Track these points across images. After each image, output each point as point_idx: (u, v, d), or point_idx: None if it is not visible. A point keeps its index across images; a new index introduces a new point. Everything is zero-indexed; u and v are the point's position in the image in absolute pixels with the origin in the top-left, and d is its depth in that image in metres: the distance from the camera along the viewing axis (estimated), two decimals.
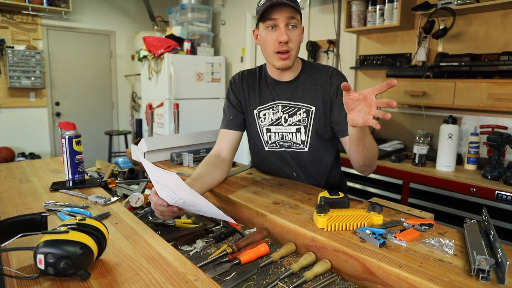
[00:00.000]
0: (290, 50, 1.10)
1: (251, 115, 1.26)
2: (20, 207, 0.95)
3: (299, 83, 1.20)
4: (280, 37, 1.07)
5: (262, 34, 1.13)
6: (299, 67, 1.22)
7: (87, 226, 0.64)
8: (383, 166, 2.12)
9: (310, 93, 1.18)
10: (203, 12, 4.25)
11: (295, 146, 1.21)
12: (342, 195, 0.95)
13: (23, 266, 0.65)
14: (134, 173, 1.39)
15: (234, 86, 1.28)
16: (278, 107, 1.21)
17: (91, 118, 4.85)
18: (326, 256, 0.79)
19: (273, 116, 1.22)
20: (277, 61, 1.12)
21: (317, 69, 1.21)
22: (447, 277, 0.64)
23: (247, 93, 1.26)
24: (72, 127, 1.13)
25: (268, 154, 1.28)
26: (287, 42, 1.08)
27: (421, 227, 0.84)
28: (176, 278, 0.62)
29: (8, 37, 4.05)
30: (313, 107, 1.17)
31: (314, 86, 1.18)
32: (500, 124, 2.04)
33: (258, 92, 1.25)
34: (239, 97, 1.27)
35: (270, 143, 1.25)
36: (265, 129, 1.24)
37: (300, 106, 1.19)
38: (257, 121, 1.25)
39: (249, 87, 1.26)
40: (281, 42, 1.07)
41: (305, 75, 1.20)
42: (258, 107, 1.24)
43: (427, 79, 2.18)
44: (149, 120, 4.06)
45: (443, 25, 2.33)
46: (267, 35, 1.10)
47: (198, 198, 0.85)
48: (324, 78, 1.18)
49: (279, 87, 1.22)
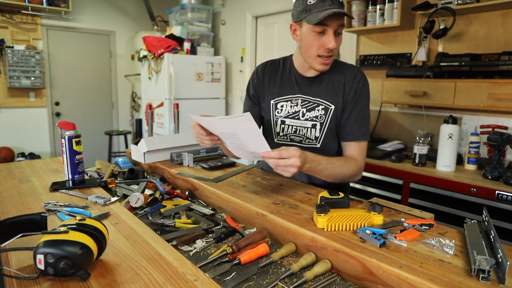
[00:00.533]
0: (332, 55, 1.11)
1: (266, 105, 1.27)
2: (20, 207, 0.95)
3: (324, 79, 1.19)
4: (329, 44, 1.06)
5: (306, 34, 1.10)
6: None
7: (87, 226, 0.64)
8: (383, 166, 2.12)
9: (332, 91, 1.18)
10: (203, 12, 4.25)
11: (307, 142, 1.22)
12: (342, 195, 0.95)
13: (23, 266, 0.65)
14: (134, 173, 1.39)
15: (255, 77, 1.31)
16: (298, 101, 1.21)
17: (91, 118, 4.85)
18: (326, 256, 0.79)
19: (290, 109, 1.22)
20: (318, 64, 1.13)
21: (343, 68, 1.21)
22: (447, 277, 0.64)
23: (267, 83, 1.27)
24: (72, 127, 1.13)
25: (276, 146, 1.26)
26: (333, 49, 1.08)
27: (421, 227, 0.84)
28: (176, 278, 0.62)
29: (8, 37, 4.04)
30: (333, 106, 1.17)
31: (337, 85, 1.18)
32: (500, 124, 2.04)
33: (279, 83, 1.25)
34: (258, 88, 1.29)
35: (281, 135, 1.25)
36: (280, 120, 1.24)
37: (320, 103, 1.19)
38: (272, 112, 1.26)
39: (270, 77, 1.27)
40: (328, 48, 1.07)
41: (331, 73, 1.19)
42: (276, 98, 1.25)
43: (427, 79, 2.18)
44: (149, 120, 4.06)
45: (443, 25, 2.33)
46: (313, 38, 1.08)
47: (261, 139, 0.94)
48: (348, 78, 1.17)
49: (303, 81, 1.22)
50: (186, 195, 1.22)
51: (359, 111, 1.16)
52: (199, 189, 1.22)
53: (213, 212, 1.09)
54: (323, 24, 1.05)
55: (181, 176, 1.31)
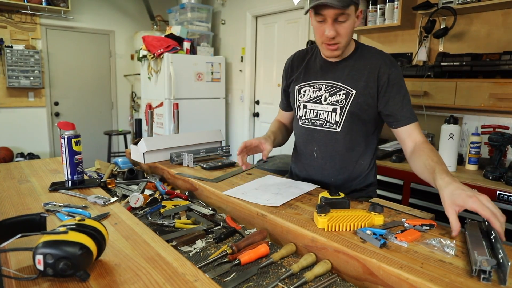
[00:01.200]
0: (338, 43, 1.10)
1: (292, 91, 1.30)
2: (19, 208, 0.95)
3: (347, 64, 1.19)
4: (327, 32, 1.07)
5: (313, 22, 1.13)
6: (351, 49, 1.21)
7: (86, 226, 0.64)
8: (384, 166, 2.11)
9: (355, 76, 1.17)
10: (203, 11, 4.25)
11: (328, 125, 1.22)
12: (342, 195, 0.95)
13: (22, 266, 0.65)
14: (133, 173, 1.38)
15: (287, 66, 1.34)
16: (322, 86, 1.22)
17: (90, 118, 4.85)
18: (327, 257, 0.78)
19: (312, 94, 1.24)
20: (325, 50, 1.15)
21: (369, 53, 1.20)
22: (448, 277, 0.64)
23: (295, 70, 1.30)
24: (71, 127, 1.13)
25: (300, 128, 1.31)
26: (334, 37, 1.08)
27: (422, 228, 0.84)
28: (176, 278, 0.62)
29: (7, 37, 4.04)
30: (354, 91, 1.16)
31: (361, 70, 1.17)
32: (501, 124, 2.04)
33: (305, 69, 1.28)
34: (288, 77, 1.33)
35: (303, 119, 1.27)
36: (302, 105, 1.26)
37: (342, 87, 1.18)
38: (296, 97, 1.28)
39: (298, 64, 1.30)
40: (327, 36, 1.08)
41: (356, 58, 1.19)
42: (301, 83, 1.27)
43: (428, 79, 2.17)
44: (148, 120, 4.06)
45: (444, 24, 2.32)
46: (316, 26, 1.11)
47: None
48: (374, 64, 1.16)
49: (327, 66, 1.23)
50: (186, 195, 1.21)
51: (403, 95, 1.15)
52: (199, 189, 1.22)
53: (213, 212, 1.08)
54: (319, 14, 1.06)
55: (181, 176, 1.31)
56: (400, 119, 1.15)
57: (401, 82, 1.16)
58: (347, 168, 1.25)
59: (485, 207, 0.75)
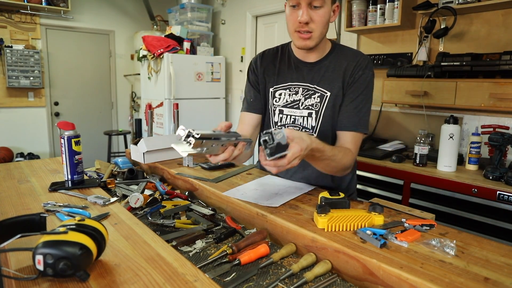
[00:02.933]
0: (311, 31, 1.04)
1: (267, 94, 1.23)
2: (19, 208, 0.95)
3: (323, 65, 1.14)
4: (300, 17, 1.02)
5: (286, 10, 1.08)
6: (327, 49, 1.15)
7: (86, 226, 0.64)
8: (384, 166, 2.11)
9: (330, 77, 1.12)
10: (203, 11, 4.25)
11: (304, 132, 1.16)
12: (342, 195, 0.95)
13: (22, 267, 0.65)
14: (133, 174, 1.38)
15: (254, 66, 1.25)
16: (299, 89, 1.16)
17: (90, 118, 4.85)
18: (327, 257, 0.78)
19: (289, 98, 1.18)
20: (297, 40, 1.08)
21: (346, 53, 1.14)
22: (448, 278, 0.63)
23: (266, 71, 1.22)
24: (71, 127, 1.13)
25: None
26: (308, 23, 1.02)
27: (422, 228, 0.84)
28: (176, 278, 0.62)
29: (7, 37, 4.04)
30: (329, 93, 1.12)
31: (337, 71, 1.12)
32: (501, 124, 2.04)
33: (278, 70, 1.20)
34: (259, 77, 1.23)
35: (279, 126, 1.21)
36: (278, 110, 1.20)
37: (317, 90, 1.13)
38: (270, 100, 1.21)
39: (268, 65, 1.22)
40: (300, 22, 1.02)
41: (331, 58, 1.14)
42: (275, 86, 1.20)
43: (428, 79, 2.18)
44: (148, 120, 4.06)
45: (444, 24, 2.32)
46: (289, 13, 1.05)
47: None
48: (350, 64, 1.11)
49: (302, 68, 1.16)
50: (186, 196, 1.21)
51: (356, 100, 1.09)
52: (199, 189, 1.22)
53: (213, 212, 1.08)
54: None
55: (181, 176, 1.31)
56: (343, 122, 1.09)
57: (366, 87, 1.10)
58: (325, 176, 1.18)
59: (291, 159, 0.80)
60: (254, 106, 1.24)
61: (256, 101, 1.23)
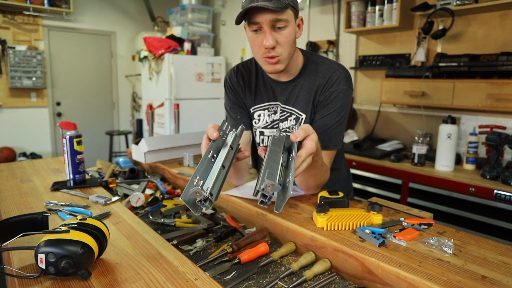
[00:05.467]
0: (278, 55, 0.95)
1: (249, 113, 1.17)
2: (21, 207, 0.95)
3: (297, 84, 1.06)
4: (265, 41, 0.92)
5: (248, 35, 0.98)
6: (299, 65, 1.07)
7: (88, 225, 0.64)
8: (383, 166, 2.12)
9: (304, 97, 1.05)
10: (203, 12, 4.26)
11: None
12: (341, 194, 0.95)
13: (24, 265, 0.65)
14: (134, 173, 1.39)
15: (230, 84, 1.16)
16: (277, 109, 1.11)
17: (92, 118, 4.86)
18: (326, 256, 0.79)
19: (268, 118, 1.12)
20: (265, 65, 0.99)
21: (319, 69, 1.05)
22: (446, 276, 0.64)
23: (243, 89, 1.14)
24: (73, 127, 1.14)
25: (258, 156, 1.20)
26: (274, 47, 0.93)
27: (420, 227, 0.84)
28: (177, 277, 0.63)
29: (10, 38, 4.05)
30: (304, 115, 1.06)
31: (311, 90, 1.04)
32: (498, 124, 2.04)
33: (255, 90, 1.13)
34: (239, 93, 1.15)
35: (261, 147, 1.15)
36: (258, 131, 1.15)
37: (292, 112, 1.07)
38: (252, 121, 1.16)
39: (244, 83, 1.14)
40: (266, 48, 0.93)
41: (305, 76, 1.06)
42: (253, 107, 1.14)
43: (426, 79, 2.18)
44: (149, 120, 4.07)
45: (442, 25, 2.33)
46: (253, 38, 0.96)
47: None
48: (321, 82, 1.03)
49: (276, 87, 1.09)
50: None
51: (326, 117, 1.02)
52: None
53: (213, 211, 1.09)
54: (254, 22, 0.91)
55: (182, 176, 1.31)
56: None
57: (338, 103, 1.01)
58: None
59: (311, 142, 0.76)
60: (243, 123, 1.13)
61: (244, 118, 1.16)
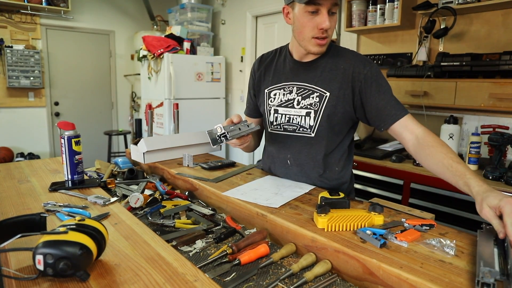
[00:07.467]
0: (328, 36, 1.06)
1: (262, 95, 1.26)
2: (19, 208, 0.95)
3: (319, 65, 1.14)
4: (323, 24, 1.01)
5: (298, 16, 1.05)
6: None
7: (86, 226, 0.64)
8: (384, 166, 2.11)
9: (328, 77, 1.12)
10: (203, 11, 4.25)
11: (302, 130, 1.17)
12: (342, 195, 0.95)
13: (22, 266, 0.65)
14: (133, 173, 1.39)
15: (253, 71, 1.31)
16: (293, 88, 1.17)
17: (90, 118, 4.85)
18: (327, 257, 0.78)
19: (283, 97, 1.19)
20: (313, 46, 1.08)
21: (342, 53, 1.15)
22: (448, 277, 0.64)
23: (263, 73, 1.27)
24: (71, 127, 1.13)
25: (269, 136, 1.27)
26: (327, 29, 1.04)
27: (421, 228, 0.84)
28: (176, 278, 0.62)
29: (7, 37, 4.04)
30: (328, 93, 1.11)
31: (334, 71, 1.12)
32: (501, 124, 2.04)
33: (273, 72, 1.24)
34: (255, 81, 1.29)
35: (274, 125, 1.22)
36: (273, 109, 1.22)
37: (315, 90, 1.14)
38: (266, 101, 1.24)
39: (266, 67, 1.27)
40: (322, 28, 1.02)
41: (328, 58, 1.14)
42: (270, 87, 1.23)
43: (428, 79, 2.18)
44: (148, 120, 4.06)
45: (444, 24, 2.32)
46: (306, 19, 1.04)
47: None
48: (348, 64, 1.11)
49: (297, 68, 1.18)
50: (186, 195, 1.21)
51: (384, 92, 1.07)
52: (199, 189, 1.22)
53: (213, 212, 1.08)
54: (315, 3, 1.00)
55: (181, 176, 1.31)
56: (387, 117, 1.06)
57: (380, 80, 1.08)
58: (323, 176, 1.19)
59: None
60: (254, 110, 1.35)
61: (254, 106, 1.32)
